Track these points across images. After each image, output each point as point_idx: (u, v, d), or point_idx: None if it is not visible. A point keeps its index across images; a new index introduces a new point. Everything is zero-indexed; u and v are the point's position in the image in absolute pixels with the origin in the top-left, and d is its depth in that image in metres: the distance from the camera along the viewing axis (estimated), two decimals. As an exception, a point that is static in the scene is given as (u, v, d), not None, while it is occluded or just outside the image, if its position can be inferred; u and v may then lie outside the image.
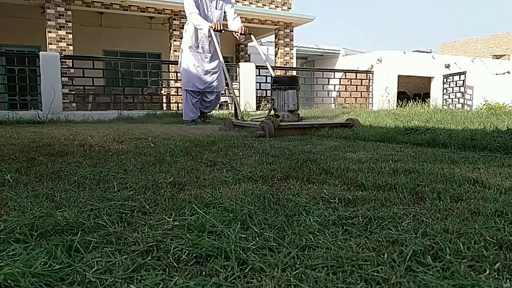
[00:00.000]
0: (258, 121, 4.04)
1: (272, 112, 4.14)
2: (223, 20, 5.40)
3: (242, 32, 5.09)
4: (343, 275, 0.73)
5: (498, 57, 20.01)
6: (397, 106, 10.96)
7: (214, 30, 5.00)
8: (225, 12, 5.39)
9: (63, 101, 7.68)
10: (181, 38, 10.64)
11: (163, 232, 0.95)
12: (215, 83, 5.41)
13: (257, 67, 9.36)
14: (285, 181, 1.55)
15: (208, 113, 5.88)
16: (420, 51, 17.45)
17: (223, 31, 5.13)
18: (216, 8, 5.35)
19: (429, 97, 13.81)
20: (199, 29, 5.19)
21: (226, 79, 4.70)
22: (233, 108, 9.19)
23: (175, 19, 10.73)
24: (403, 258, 0.79)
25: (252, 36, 5.26)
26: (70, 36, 9.51)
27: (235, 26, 5.23)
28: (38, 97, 7.75)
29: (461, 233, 0.93)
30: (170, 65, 10.13)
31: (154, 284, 0.70)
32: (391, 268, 0.75)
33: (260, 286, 0.69)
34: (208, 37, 5.17)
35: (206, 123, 5.67)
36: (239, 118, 4.38)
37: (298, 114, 4.05)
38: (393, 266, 0.76)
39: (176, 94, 9.37)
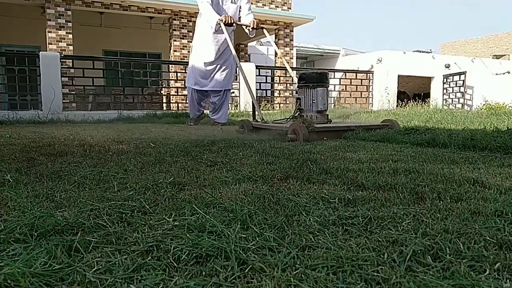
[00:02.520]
0: (281, 123, 3.68)
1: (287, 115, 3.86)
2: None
3: (254, 26, 4.72)
4: (343, 275, 0.73)
5: (498, 57, 20.00)
6: (397, 106, 10.97)
7: (224, 24, 4.56)
8: (240, 7, 5.00)
9: (63, 101, 7.68)
10: (181, 38, 10.79)
11: (163, 232, 0.95)
12: (217, 82, 5.07)
13: (257, 67, 9.35)
14: (285, 181, 1.54)
15: (219, 122, 5.30)
16: (420, 51, 17.45)
17: (234, 25, 4.72)
18: (232, 2, 4.92)
19: (429, 97, 13.81)
20: (206, 20, 4.74)
21: (244, 79, 4.27)
22: (232, 109, 9.20)
23: (175, 19, 10.72)
24: (403, 258, 0.79)
25: (265, 31, 4.87)
26: (70, 36, 9.51)
27: (247, 20, 4.86)
28: (38, 97, 7.74)
29: (461, 233, 0.93)
30: (170, 65, 10.13)
31: (154, 284, 0.69)
32: (391, 268, 0.75)
33: (260, 286, 0.69)
34: (216, 30, 4.68)
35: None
36: (259, 119, 3.92)
37: (327, 115, 3.63)
38: (393, 266, 0.76)
39: (176, 94, 9.37)
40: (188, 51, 10.66)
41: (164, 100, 10.32)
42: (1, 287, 0.66)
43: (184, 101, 9.41)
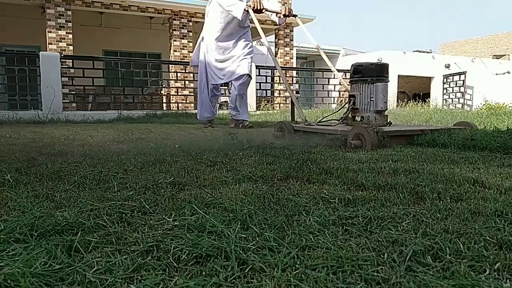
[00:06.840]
0: (330, 126, 3.15)
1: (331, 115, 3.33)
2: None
3: (286, 13, 4.04)
4: (343, 275, 0.72)
5: (498, 57, 20.01)
6: (397, 106, 10.97)
7: (253, 10, 3.94)
8: None
9: (63, 101, 7.68)
10: (181, 38, 10.78)
11: (163, 232, 0.95)
12: (231, 72, 4.53)
13: (257, 67, 9.35)
14: (285, 181, 1.54)
15: (245, 120, 4.74)
16: (420, 51, 17.45)
17: (263, 12, 4.05)
18: None
19: (429, 97, 13.82)
20: (229, 11, 4.08)
21: (280, 74, 3.81)
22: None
23: (175, 19, 10.73)
24: (403, 258, 0.79)
25: (298, 20, 4.19)
26: (70, 36, 9.51)
27: (275, 6, 4.13)
28: (38, 97, 7.75)
29: (461, 233, 0.93)
30: (170, 65, 10.14)
31: (154, 284, 0.69)
32: (391, 268, 0.75)
33: (260, 286, 0.69)
34: (241, 20, 4.09)
35: (245, 127, 4.62)
36: (302, 121, 3.32)
37: (387, 115, 3.11)
38: (393, 266, 0.76)
39: (176, 94, 9.37)
40: (188, 51, 10.69)
41: (164, 100, 10.33)
42: (1, 287, 0.66)
43: (184, 101, 9.42)
